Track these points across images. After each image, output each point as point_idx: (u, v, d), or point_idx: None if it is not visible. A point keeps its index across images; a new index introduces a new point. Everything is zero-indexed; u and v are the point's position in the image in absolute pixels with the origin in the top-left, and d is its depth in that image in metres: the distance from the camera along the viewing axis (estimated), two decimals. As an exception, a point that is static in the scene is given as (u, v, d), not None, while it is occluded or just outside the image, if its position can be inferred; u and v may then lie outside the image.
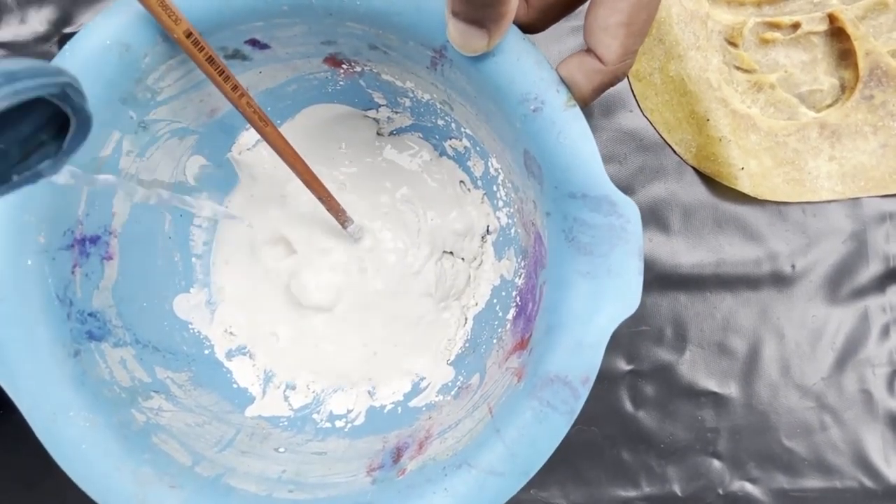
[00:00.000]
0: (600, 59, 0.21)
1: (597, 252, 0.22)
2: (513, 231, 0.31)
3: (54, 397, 0.23)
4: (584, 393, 0.22)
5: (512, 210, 0.30)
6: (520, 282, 0.30)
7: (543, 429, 0.22)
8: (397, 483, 0.24)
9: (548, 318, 0.23)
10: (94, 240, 0.26)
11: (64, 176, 0.19)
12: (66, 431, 0.23)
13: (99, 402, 0.24)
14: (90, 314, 0.25)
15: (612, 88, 0.26)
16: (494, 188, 0.31)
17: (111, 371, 0.25)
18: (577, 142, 0.22)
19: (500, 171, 0.30)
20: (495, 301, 0.31)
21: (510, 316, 0.30)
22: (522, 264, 0.29)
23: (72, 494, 0.23)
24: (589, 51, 0.21)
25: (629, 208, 0.21)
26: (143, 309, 0.28)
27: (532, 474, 0.22)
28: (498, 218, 0.32)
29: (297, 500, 0.24)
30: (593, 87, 0.22)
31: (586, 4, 0.22)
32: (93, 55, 0.23)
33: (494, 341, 0.30)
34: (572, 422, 0.22)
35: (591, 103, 0.23)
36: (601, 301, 0.21)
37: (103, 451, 0.23)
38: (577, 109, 0.22)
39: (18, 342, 0.22)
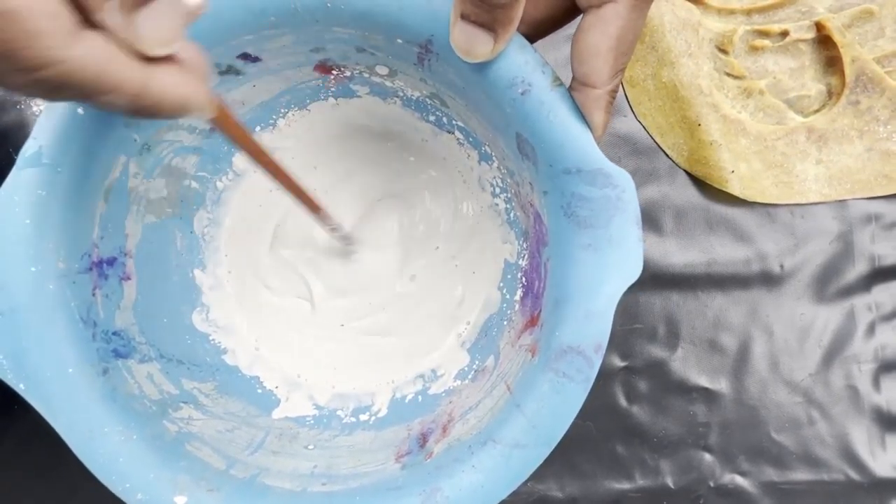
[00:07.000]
0: (593, 85, 0.22)
1: (596, 224, 0.22)
2: (512, 215, 0.31)
3: (88, 416, 0.23)
4: (598, 360, 0.22)
5: (509, 195, 0.31)
6: (524, 263, 0.30)
7: (561, 399, 0.22)
8: (426, 466, 0.24)
9: (555, 293, 0.24)
10: (111, 261, 0.27)
11: None
12: (103, 448, 0.23)
13: (131, 417, 0.24)
14: (114, 333, 0.26)
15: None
16: (490, 177, 0.32)
17: (140, 386, 0.26)
18: (566, 119, 0.22)
19: (494, 158, 0.31)
20: (502, 285, 0.32)
21: (517, 297, 0.31)
22: (525, 245, 0.30)
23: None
24: (577, 83, 0.22)
25: (623, 179, 0.22)
26: (163, 325, 0.29)
27: (555, 444, 0.23)
28: (496, 204, 0.32)
29: (330, 492, 0.25)
30: (602, 112, 0.22)
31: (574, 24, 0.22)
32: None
33: (505, 323, 0.31)
34: (589, 389, 0.23)
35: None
36: (605, 271, 0.22)
37: (141, 463, 0.24)
38: (564, 88, 0.23)
39: (49, 365, 0.23)
